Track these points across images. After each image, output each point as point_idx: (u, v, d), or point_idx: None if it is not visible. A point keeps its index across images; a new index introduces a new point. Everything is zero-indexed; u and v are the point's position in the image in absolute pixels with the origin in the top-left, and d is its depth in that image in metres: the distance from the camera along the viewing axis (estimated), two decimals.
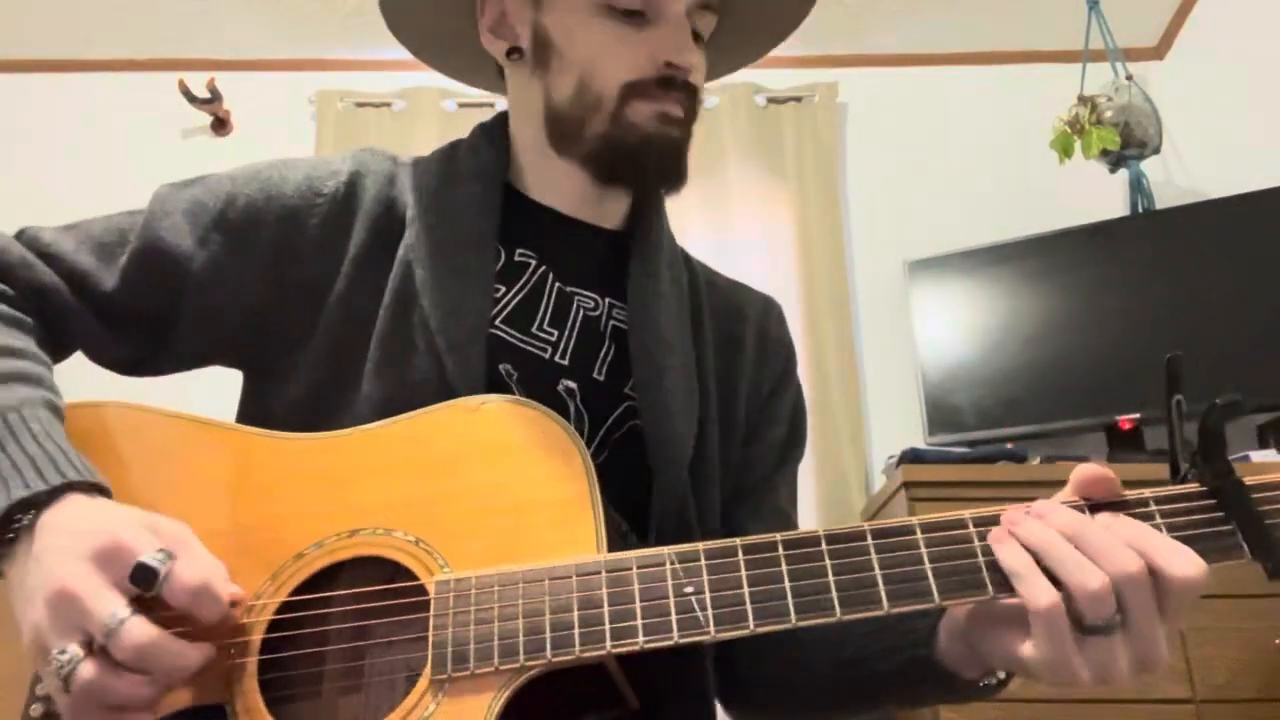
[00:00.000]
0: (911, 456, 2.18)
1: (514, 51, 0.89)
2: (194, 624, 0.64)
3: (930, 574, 0.61)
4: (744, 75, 2.97)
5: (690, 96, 0.86)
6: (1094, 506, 0.62)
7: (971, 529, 0.63)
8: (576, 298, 0.87)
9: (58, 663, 0.58)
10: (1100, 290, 2.44)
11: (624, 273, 0.88)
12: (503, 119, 0.95)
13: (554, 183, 0.90)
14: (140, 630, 0.59)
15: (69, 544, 0.61)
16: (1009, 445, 2.22)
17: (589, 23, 0.84)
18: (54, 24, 2.92)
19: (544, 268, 0.87)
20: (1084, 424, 2.32)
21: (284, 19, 2.87)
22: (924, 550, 0.62)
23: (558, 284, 0.87)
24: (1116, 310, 2.40)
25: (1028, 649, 0.60)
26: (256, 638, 0.67)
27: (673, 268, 0.91)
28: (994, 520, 0.63)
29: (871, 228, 2.89)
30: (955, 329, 2.56)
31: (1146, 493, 0.63)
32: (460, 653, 0.63)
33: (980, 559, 0.62)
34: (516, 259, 0.87)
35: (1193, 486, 0.63)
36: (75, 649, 0.59)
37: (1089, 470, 0.63)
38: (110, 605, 0.59)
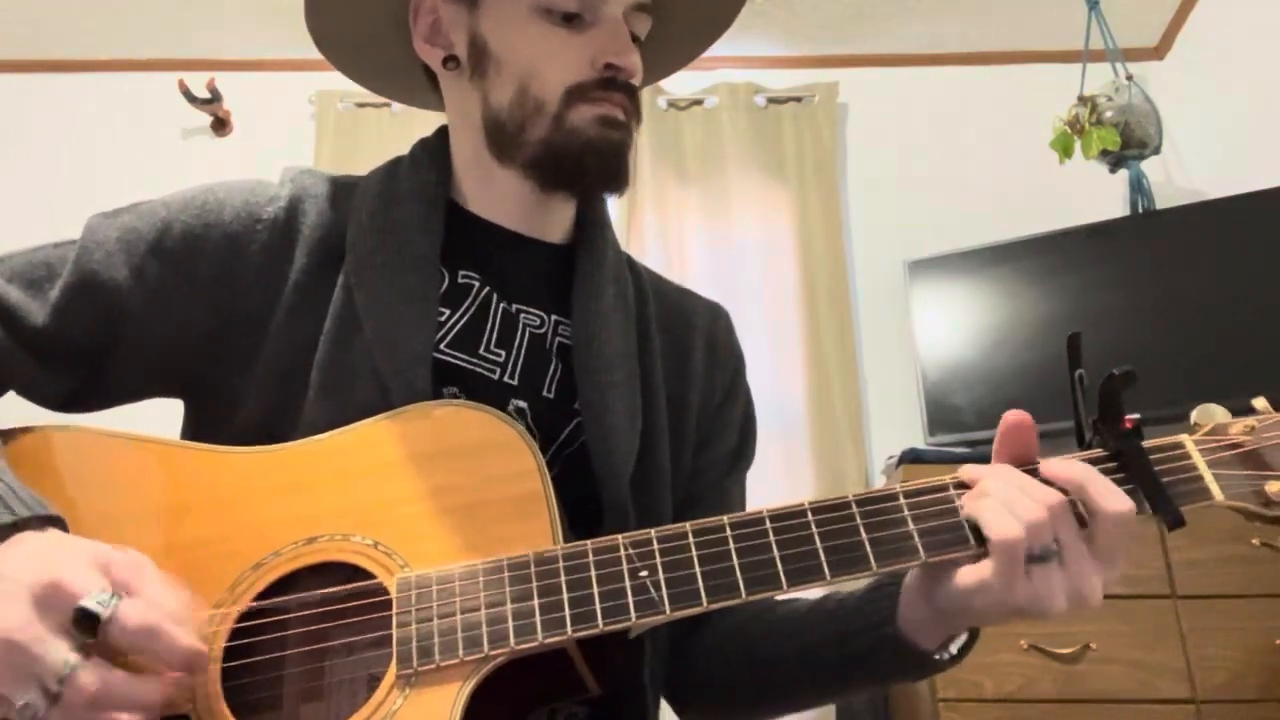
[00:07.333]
0: (911, 457, 2.18)
1: (450, 60, 0.88)
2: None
3: (867, 544, 0.66)
4: (744, 75, 3.00)
5: (631, 98, 0.86)
6: (1031, 472, 0.69)
7: (902, 500, 0.68)
8: (522, 316, 0.87)
9: (23, 716, 0.58)
10: (1100, 290, 2.44)
11: (569, 288, 0.88)
12: (443, 134, 0.93)
13: (495, 195, 0.89)
14: (91, 676, 0.58)
15: (10, 588, 0.59)
16: None
17: (527, 27, 0.84)
18: (54, 24, 2.92)
19: (488, 289, 0.86)
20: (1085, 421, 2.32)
21: (284, 19, 2.86)
22: (860, 522, 0.67)
23: (502, 304, 0.86)
24: (1116, 310, 2.40)
25: (981, 582, 0.65)
26: (218, 646, 0.67)
27: (618, 281, 0.91)
28: (921, 491, 0.68)
29: (871, 228, 2.89)
30: (955, 329, 2.56)
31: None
32: (425, 647, 0.64)
33: (911, 527, 0.67)
34: (460, 281, 0.86)
35: (1097, 452, 0.69)
36: (36, 699, 0.57)
37: (1010, 416, 0.70)
38: (57, 653, 0.58)
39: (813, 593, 0.72)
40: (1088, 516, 0.65)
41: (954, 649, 0.73)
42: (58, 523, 0.66)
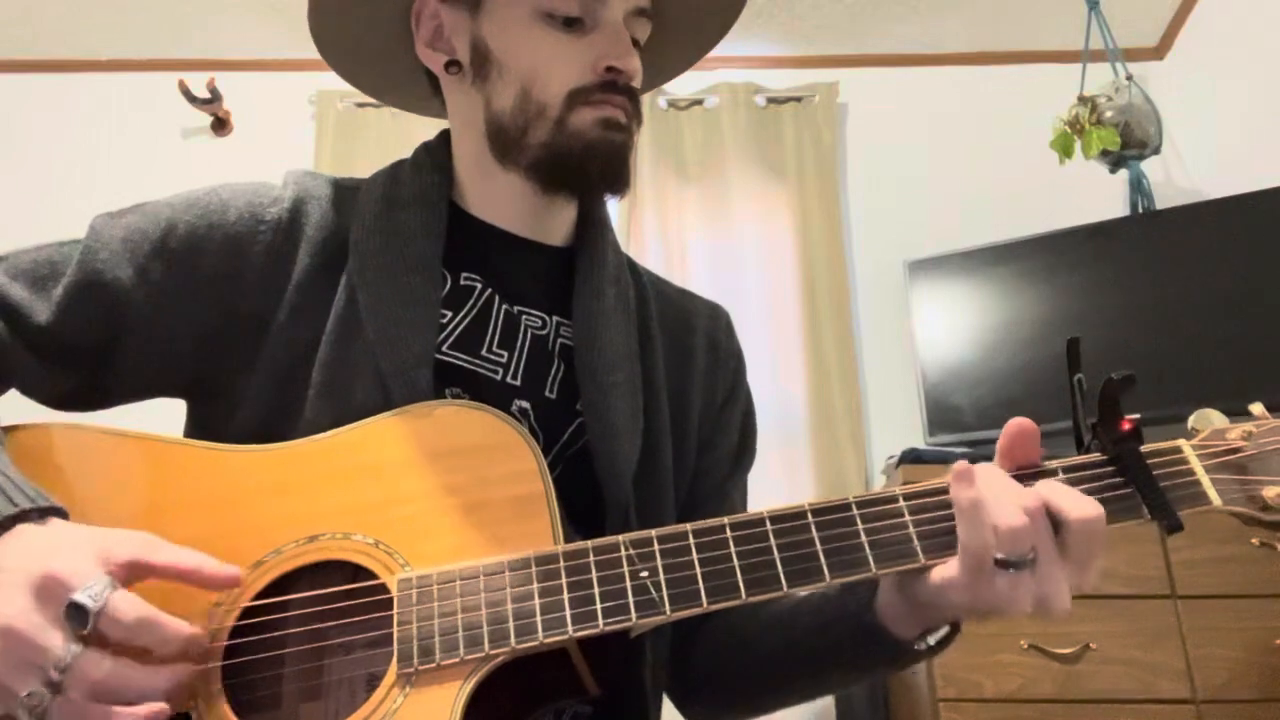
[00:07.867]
0: (911, 457, 2.18)
1: (452, 65, 0.89)
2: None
3: (866, 545, 0.67)
4: (744, 75, 3.00)
5: (632, 100, 0.86)
6: (1016, 476, 0.68)
7: (902, 503, 0.68)
8: (524, 317, 0.87)
9: (26, 705, 0.58)
10: (1100, 290, 2.44)
11: (570, 290, 0.89)
12: (445, 137, 0.94)
13: (497, 198, 0.90)
14: (92, 665, 0.58)
15: (10, 579, 0.60)
16: None
17: (528, 32, 0.85)
18: (54, 24, 2.92)
19: (490, 290, 0.87)
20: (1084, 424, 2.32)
21: (284, 19, 2.87)
22: (860, 526, 0.67)
23: (504, 306, 0.87)
24: (1116, 310, 2.40)
25: (948, 580, 0.65)
26: (220, 644, 0.67)
27: (619, 282, 0.91)
28: (920, 495, 0.68)
29: (871, 228, 2.89)
30: (955, 329, 2.56)
31: (1054, 463, 0.69)
32: (425, 646, 0.65)
33: (911, 530, 0.67)
34: (462, 283, 0.87)
35: (1095, 456, 0.69)
36: (40, 689, 0.58)
37: (1015, 422, 0.69)
38: (57, 643, 0.58)
39: None
40: (1060, 524, 0.64)
41: (932, 640, 0.73)
42: (59, 513, 0.66)
